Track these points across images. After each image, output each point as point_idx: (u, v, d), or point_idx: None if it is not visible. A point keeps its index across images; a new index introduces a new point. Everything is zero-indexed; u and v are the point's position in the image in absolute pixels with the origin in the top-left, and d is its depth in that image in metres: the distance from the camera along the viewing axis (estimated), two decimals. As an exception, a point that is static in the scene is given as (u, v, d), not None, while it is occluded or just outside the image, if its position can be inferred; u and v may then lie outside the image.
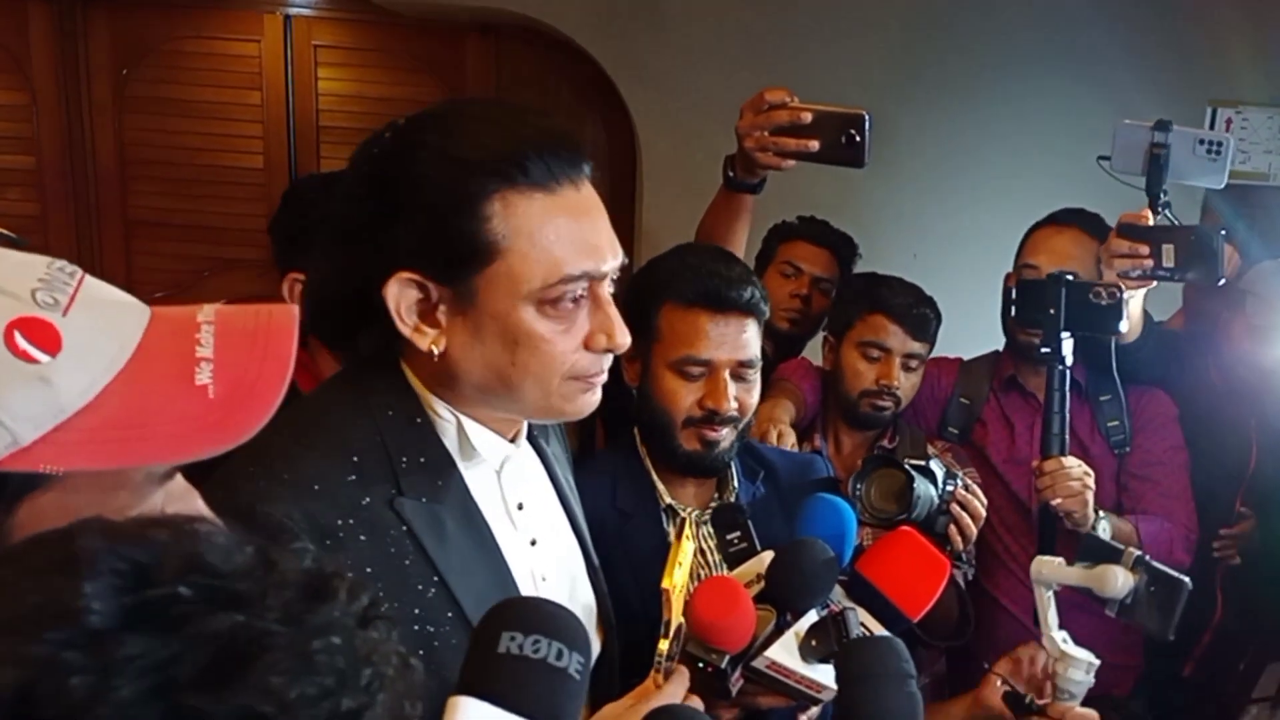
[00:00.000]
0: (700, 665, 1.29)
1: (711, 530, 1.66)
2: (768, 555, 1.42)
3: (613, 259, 1.15)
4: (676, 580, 1.24)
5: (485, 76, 4.14)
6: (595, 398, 1.20)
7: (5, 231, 1.55)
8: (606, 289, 1.16)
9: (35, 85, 4.11)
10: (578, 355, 1.14)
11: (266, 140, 4.15)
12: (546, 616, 0.92)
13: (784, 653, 1.34)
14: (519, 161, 1.08)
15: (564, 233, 1.10)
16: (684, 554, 1.28)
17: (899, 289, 2.30)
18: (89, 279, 0.76)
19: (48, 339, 0.70)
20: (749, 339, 1.69)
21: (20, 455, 0.68)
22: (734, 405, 1.68)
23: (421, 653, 1.09)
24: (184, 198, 4.18)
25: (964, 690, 1.84)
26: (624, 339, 1.16)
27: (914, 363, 2.30)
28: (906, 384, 2.30)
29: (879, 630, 1.41)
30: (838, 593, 1.46)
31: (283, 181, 4.06)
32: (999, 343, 2.57)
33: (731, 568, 1.48)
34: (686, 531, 1.32)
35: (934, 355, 2.41)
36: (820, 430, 2.40)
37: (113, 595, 0.53)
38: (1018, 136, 3.73)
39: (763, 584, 1.39)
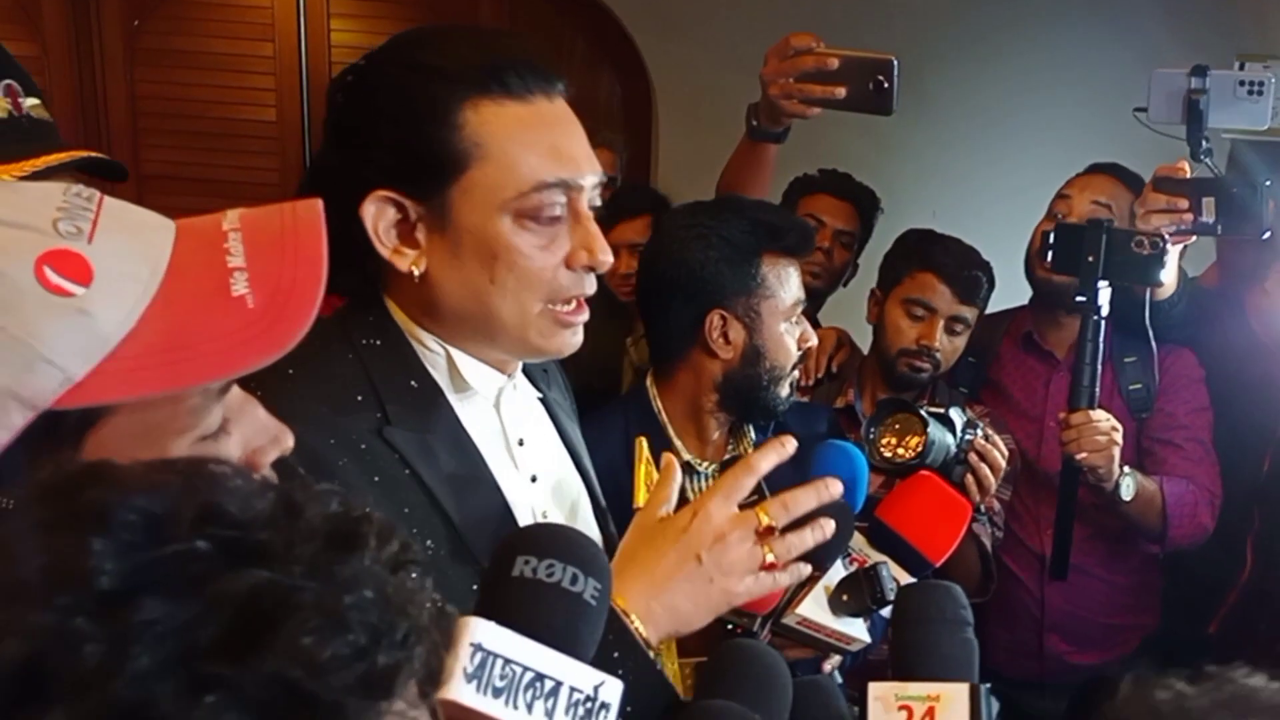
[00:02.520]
0: (730, 627, 1.27)
1: None
2: None
3: (591, 173, 1.13)
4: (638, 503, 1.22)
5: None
6: (575, 339, 1.18)
7: (95, 154, 1.53)
8: (586, 205, 1.13)
9: (46, 37, 4.07)
10: (558, 273, 1.12)
11: (279, 93, 4.11)
12: (563, 541, 0.90)
13: (815, 608, 1.32)
14: (492, 70, 1.08)
15: (538, 140, 1.09)
16: (646, 476, 1.27)
17: (953, 249, 2.23)
18: (108, 201, 0.73)
19: (78, 270, 0.67)
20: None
21: (75, 392, 0.66)
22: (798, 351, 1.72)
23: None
24: (197, 151, 4.16)
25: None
26: (606, 256, 1.13)
27: (959, 326, 2.23)
28: (948, 347, 2.23)
29: (904, 579, 1.40)
30: (859, 540, 1.44)
31: (296, 135, 4.03)
32: (1019, 302, 2.52)
33: None
34: (644, 454, 1.28)
35: None
36: (856, 384, 2.35)
37: (125, 553, 0.48)
38: (1044, 90, 3.66)
39: None
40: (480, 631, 0.79)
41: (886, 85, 1.81)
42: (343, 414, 1.09)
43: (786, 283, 1.68)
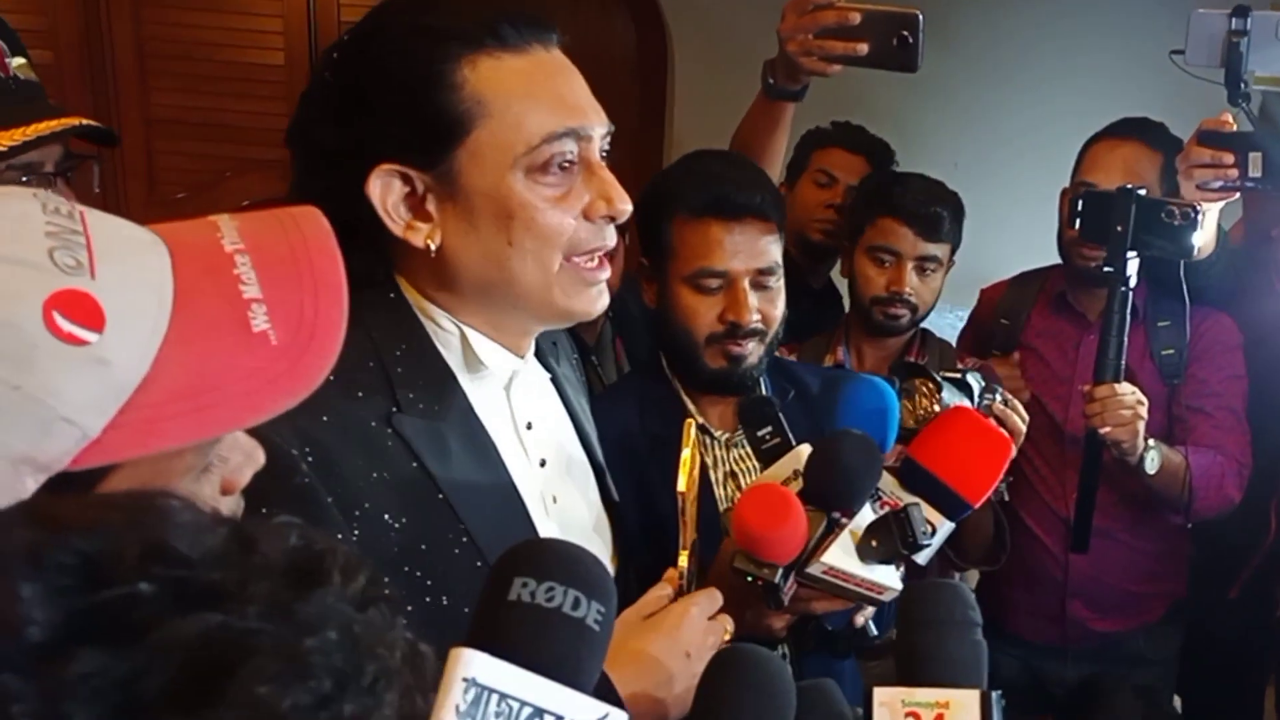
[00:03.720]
0: (751, 580, 1.23)
1: (744, 441, 1.58)
2: (805, 449, 1.32)
3: (599, 122, 1.10)
4: (682, 487, 1.18)
5: (512, -28, 3.99)
6: (603, 298, 1.15)
7: (87, 121, 1.49)
8: (598, 154, 1.10)
9: (51, -24, 3.99)
10: (577, 226, 1.09)
11: (287, 36, 4.03)
12: (563, 561, 0.84)
13: (842, 555, 1.25)
14: (485, 24, 1.05)
15: (540, 91, 1.06)
16: (691, 461, 1.21)
17: (911, 188, 2.19)
18: (91, 216, 0.66)
19: (89, 313, 0.60)
20: (766, 245, 1.61)
21: (94, 450, 0.61)
22: (756, 317, 1.61)
23: (427, 579, 1.06)
24: (205, 94, 4.08)
25: (989, 617, 1.79)
26: (624, 204, 1.10)
27: (930, 265, 2.19)
28: (924, 289, 2.20)
29: (941, 524, 1.32)
30: (890, 482, 1.35)
31: (304, 79, 3.94)
32: (1050, 257, 2.46)
33: (765, 465, 1.38)
34: (691, 437, 1.23)
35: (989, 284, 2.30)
36: (844, 342, 2.32)
37: (58, 599, 0.44)
38: (1074, 36, 3.55)
39: (801, 482, 1.29)
40: (474, 665, 0.73)
41: (911, 41, 1.75)
42: (352, 400, 1.06)
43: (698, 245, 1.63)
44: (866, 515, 1.29)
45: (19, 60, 1.46)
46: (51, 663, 0.43)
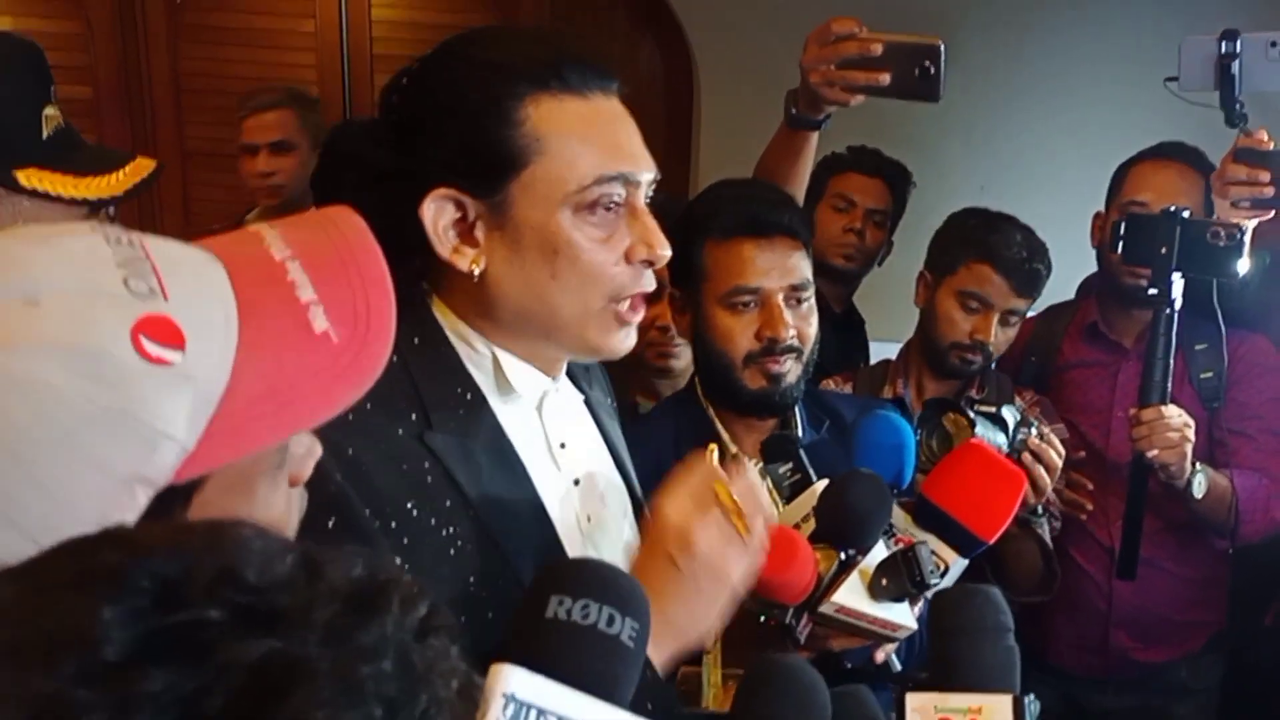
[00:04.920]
0: (763, 620, 1.24)
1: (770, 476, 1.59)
2: (823, 486, 1.33)
3: (648, 169, 1.14)
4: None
5: (539, 2, 4.03)
6: (631, 338, 1.18)
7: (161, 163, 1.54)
8: (643, 200, 1.14)
9: (90, 14, 4.08)
10: (619, 269, 1.12)
11: (320, 70, 4.11)
12: (598, 579, 0.87)
13: (853, 594, 1.26)
14: (552, 66, 1.09)
15: (598, 135, 1.10)
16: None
17: (1012, 240, 2.13)
18: (149, 243, 0.70)
19: (170, 334, 0.64)
20: (797, 262, 1.65)
21: (193, 461, 0.65)
22: (792, 333, 1.64)
23: (454, 590, 1.07)
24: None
25: (1030, 647, 1.77)
26: (665, 250, 1.13)
27: (1013, 318, 2.17)
28: (1001, 338, 2.16)
29: (954, 560, 1.33)
30: (903, 519, 1.36)
31: (336, 111, 4.02)
32: (1074, 279, 2.46)
33: (786, 501, 1.40)
34: (713, 459, 1.22)
35: None
36: (903, 374, 2.29)
37: (135, 620, 0.47)
38: (1097, 62, 3.57)
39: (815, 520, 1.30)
40: (513, 681, 0.76)
41: (933, 71, 1.76)
42: (385, 417, 1.08)
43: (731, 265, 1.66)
44: (880, 552, 1.29)
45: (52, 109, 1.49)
46: (123, 680, 0.45)
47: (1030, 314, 2.33)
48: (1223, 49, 2.00)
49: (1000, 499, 1.33)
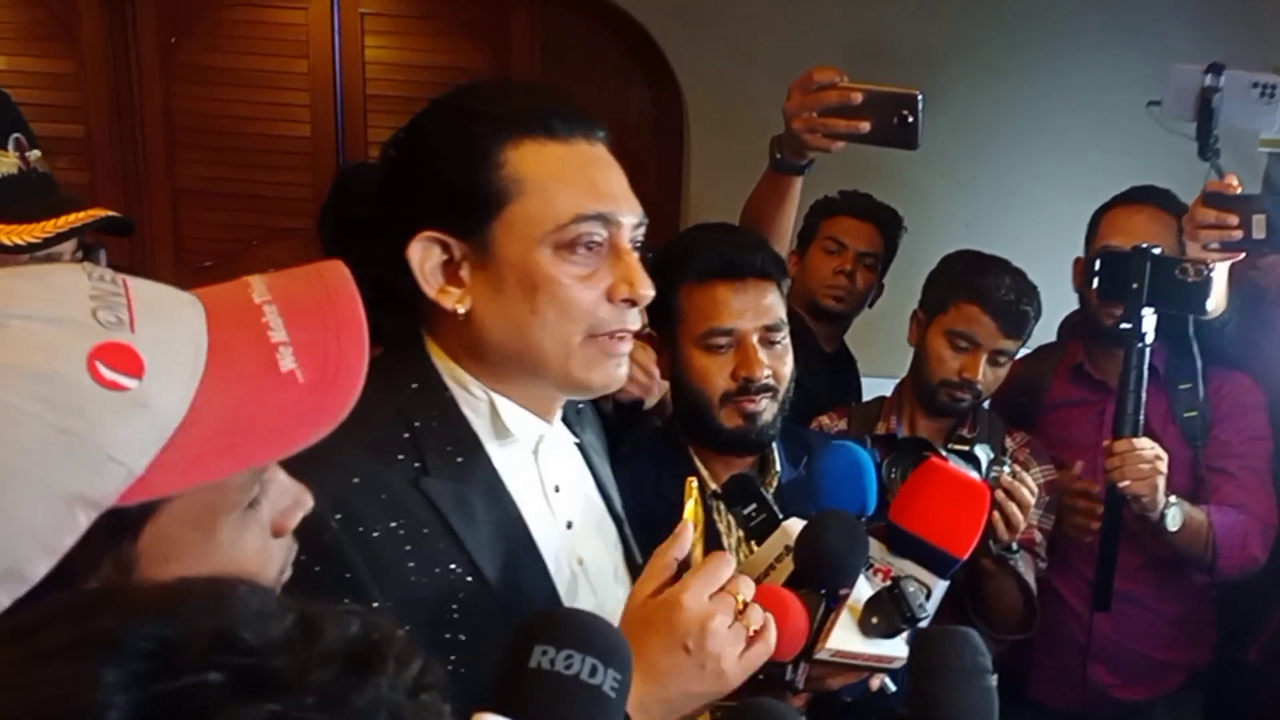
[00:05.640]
0: (762, 677, 1.25)
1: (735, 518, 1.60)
2: (793, 524, 1.33)
3: (629, 211, 1.15)
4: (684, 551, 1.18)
5: (531, 43, 4.09)
6: (622, 369, 1.19)
7: (111, 213, 1.54)
8: (627, 241, 1.16)
9: (84, 53, 4.13)
10: (599, 307, 1.14)
11: (314, 109, 4.15)
12: (582, 630, 0.89)
13: (846, 636, 1.27)
14: (535, 114, 1.13)
15: (577, 176, 1.13)
16: (694, 515, 1.23)
17: (1001, 283, 2.16)
18: (133, 282, 0.73)
19: (129, 362, 0.66)
20: (771, 303, 1.68)
21: (139, 486, 0.66)
22: (767, 372, 1.66)
23: (449, 637, 1.09)
24: (231, 166, 4.19)
25: (1010, 681, 1.77)
26: (647, 289, 1.15)
27: (1002, 359, 2.19)
28: (990, 378, 2.18)
29: (935, 584, 1.34)
30: (878, 548, 1.37)
31: (330, 150, 4.06)
32: (1057, 315, 2.48)
33: (756, 541, 1.39)
34: (693, 492, 1.24)
35: None
36: (896, 410, 2.31)
37: (135, 685, 0.48)
38: (1079, 100, 3.62)
39: (793, 559, 1.30)
40: None
41: (911, 120, 1.79)
42: (381, 463, 1.10)
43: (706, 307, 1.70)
44: (863, 588, 1.31)
45: (36, 153, 1.51)
46: None
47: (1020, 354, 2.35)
48: (1207, 80, 2.05)
49: (966, 514, 1.34)
